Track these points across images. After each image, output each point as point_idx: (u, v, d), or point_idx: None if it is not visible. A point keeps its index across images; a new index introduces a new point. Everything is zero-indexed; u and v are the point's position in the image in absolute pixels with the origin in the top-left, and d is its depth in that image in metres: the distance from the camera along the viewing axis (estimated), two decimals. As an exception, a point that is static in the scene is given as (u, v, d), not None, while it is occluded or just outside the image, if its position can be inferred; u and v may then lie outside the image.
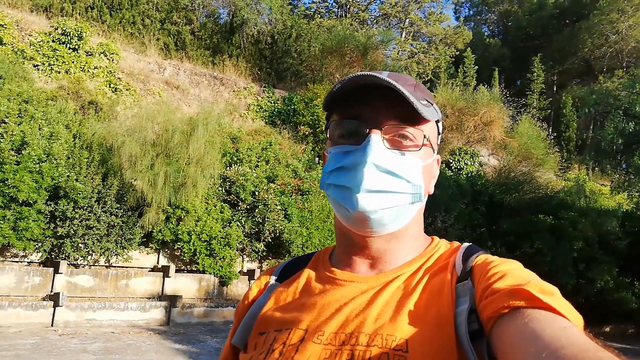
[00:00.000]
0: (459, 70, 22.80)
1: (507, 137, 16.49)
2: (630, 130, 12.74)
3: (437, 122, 0.85)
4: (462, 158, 15.74)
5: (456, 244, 0.86)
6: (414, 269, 0.80)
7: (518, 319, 0.60)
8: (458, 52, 24.43)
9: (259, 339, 0.79)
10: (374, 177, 0.75)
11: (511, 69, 27.86)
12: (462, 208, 12.94)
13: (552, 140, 18.63)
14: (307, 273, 0.87)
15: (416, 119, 0.78)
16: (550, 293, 0.62)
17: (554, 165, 17.23)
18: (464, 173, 15.32)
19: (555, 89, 28.37)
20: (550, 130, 22.88)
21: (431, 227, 11.77)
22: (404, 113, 0.77)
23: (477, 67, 23.39)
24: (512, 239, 12.36)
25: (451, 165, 15.53)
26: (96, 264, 8.57)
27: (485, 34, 32.76)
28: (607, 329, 13.29)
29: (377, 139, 0.76)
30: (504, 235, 12.62)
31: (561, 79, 29.03)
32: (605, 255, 12.77)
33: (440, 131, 0.88)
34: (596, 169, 20.38)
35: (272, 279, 0.91)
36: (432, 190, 0.85)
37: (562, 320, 0.59)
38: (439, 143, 0.88)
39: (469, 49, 24.31)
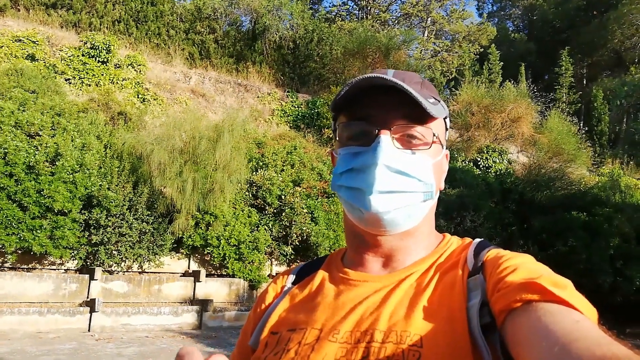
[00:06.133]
0: (483, 67, 22.45)
1: (536, 133, 16.14)
2: (666, 121, 12.25)
3: (444, 118, 0.85)
4: (490, 156, 15.47)
5: (468, 240, 0.85)
6: (426, 266, 0.80)
7: (530, 312, 0.60)
8: (482, 49, 24.05)
9: (271, 339, 0.80)
10: (385, 177, 0.75)
11: (538, 64, 27.23)
12: (492, 207, 12.69)
13: (584, 135, 18.15)
14: (321, 275, 0.88)
15: (424, 117, 0.78)
16: (563, 286, 0.62)
17: (586, 160, 16.76)
18: (492, 171, 15.04)
19: (585, 82, 27.57)
20: (581, 124, 22.25)
21: (460, 227, 11.59)
22: (412, 112, 0.77)
23: (502, 63, 22.96)
24: (544, 237, 12.04)
25: (479, 163, 15.28)
26: (129, 270, 8.78)
27: (510, 29, 32.18)
28: (649, 329, 12.79)
29: (386, 140, 0.76)
30: (535, 233, 12.31)
31: (591, 71, 28.21)
32: (644, 252, 12.29)
33: (448, 127, 0.88)
34: (631, 162, 19.71)
35: (288, 283, 0.92)
36: (442, 186, 0.86)
37: (575, 313, 0.59)
38: (447, 138, 0.88)
39: (493, 45, 23.88)
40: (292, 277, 0.94)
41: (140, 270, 8.84)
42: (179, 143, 9.36)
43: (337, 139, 0.84)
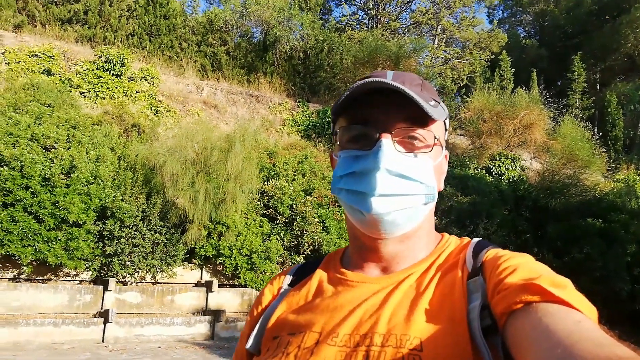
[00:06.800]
0: (495, 74, 22.33)
1: (549, 140, 15.96)
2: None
3: (444, 119, 0.85)
4: (503, 163, 15.33)
5: (466, 239, 0.85)
6: (425, 267, 0.80)
7: (531, 314, 0.60)
8: (493, 56, 23.91)
9: (272, 343, 0.79)
10: (387, 181, 0.75)
11: (550, 70, 26.99)
12: (505, 214, 12.57)
13: (598, 141, 17.87)
14: (319, 275, 0.88)
15: (425, 120, 0.78)
16: (562, 286, 0.62)
17: (601, 166, 16.49)
18: (505, 178, 14.90)
19: (598, 88, 27.25)
20: (595, 130, 21.95)
21: (473, 235, 11.46)
22: (413, 115, 0.77)
23: (513, 69, 22.80)
24: (559, 245, 11.87)
25: (491, 170, 15.15)
26: (143, 281, 8.85)
27: (521, 35, 31.98)
28: (670, 338, 12.49)
29: (388, 143, 0.77)
30: (550, 240, 12.14)
31: (604, 76, 27.87)
32: (662, 259, 12.03)
33: (447, 127, 0.89)
34: (647, 168, 19.40)
35: (285, 284, 0.92)
36: (442, 187, 0.86)
37: (575, 313, 0.59)
38: (446, 139, 0.88)
39: (504, 51, 23.74)
40: (289, 278, 0.93)
41: (153, 280, 8.91)
42: (192, 154, 9.46)
43: (338, 142, 0.84)
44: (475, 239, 0.84)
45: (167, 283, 9.05)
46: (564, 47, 27.13)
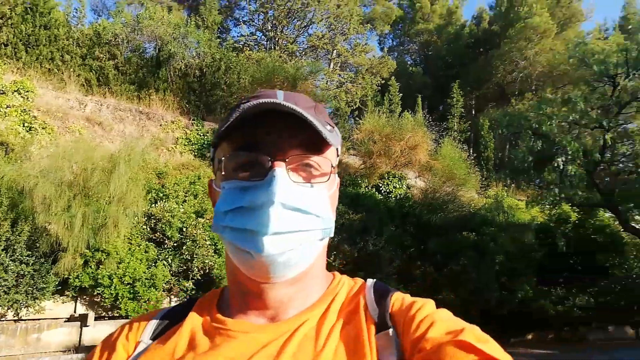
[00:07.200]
0: (384, 98, 23.76)
1: (431, 160, 17.26)
2: (539, 148, 13.75)
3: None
4: (391, 182, 16.24)
5: (360, 280, 0.79)
6: (320, 312, 0.71)
7: None
8: (384, 81, 25.48)
9: None
10: (281, 217, 0.65)
11: (433, 96, 29.31)
12: (393, 230, 13.30)
13: (473, 161, 19.68)
14: (190, 324, 0.72)
15: (321, 146, 0.70)
16: (485, 340, 0.60)
17: (475, 184, 18.15)
18: (392, 196, 15.81)
19: (473, 113, 30.23)
20: (470, 151, 24.20)
21: (363, 251, 11.99)
22: (309, 140, 0.69)
23: (401, 94, 24.46)
24: (439, 258, 12.82)
25: (381, 189, 15.98)
26: (3, 319, 7.92)
27: (409, 63, 34.44)
28: (530, 337, 13.99)
29: (282, 173, 0.66)
30: (432, 254, 13.07)
31: (478, 103, 31.01)
32: (524, 267, 13.54)
33: (339, 153, 0.79)
34: (512, 185, 21.72)
35: (146, 337, 0.74)
36: (334, 217, 0.76)
37: None
38: (338, 162, 0.80)
39: (393, 78, 25.39)
40: (150, 328, 0.75)
41: (16, 317, 8.00)
42: (69, 175, 8.82)
43: (222, 171, 0.70)
44: (370, 281, 0.77)
45: (34, 319, 8.19)
46: (444, 76, 29.75)
